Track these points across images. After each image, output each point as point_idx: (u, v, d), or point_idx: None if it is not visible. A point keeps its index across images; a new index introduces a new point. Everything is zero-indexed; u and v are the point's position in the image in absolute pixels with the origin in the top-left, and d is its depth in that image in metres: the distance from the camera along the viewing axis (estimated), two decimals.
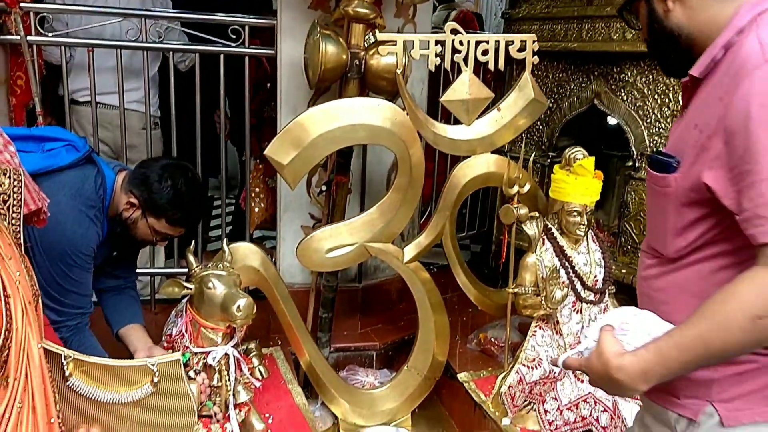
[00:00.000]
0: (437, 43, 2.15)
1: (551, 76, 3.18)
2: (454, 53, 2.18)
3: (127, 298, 2.23)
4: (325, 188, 2.62)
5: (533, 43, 2.29)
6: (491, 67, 2.24)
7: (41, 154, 1.92)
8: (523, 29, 3.24)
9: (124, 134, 2.77)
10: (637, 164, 2.74)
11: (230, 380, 1.92)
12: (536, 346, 2.33)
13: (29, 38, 2.49)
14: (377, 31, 2.19)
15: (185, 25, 2.92)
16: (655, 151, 2.61)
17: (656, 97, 2.66)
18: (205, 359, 1.89)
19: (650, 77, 2.68)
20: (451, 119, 2.43)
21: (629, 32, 2.66)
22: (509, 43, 2.24)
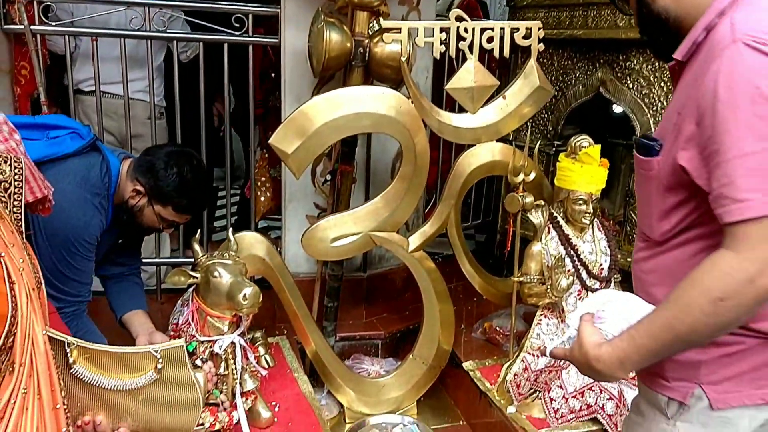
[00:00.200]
0: (442, 30, 2.13)
1: (556, 63, 3.16)
2: (458, 40, 2.16)
3: (131, 284, 2.24)
4: (329, 177, 2.61)
5: (538, 30, 2.27)
6: (496, 54, 2.22)
7: (46, 141, 1.92)
8: (528, 16, 3.22)
9: (128, 124, 2.77)
10: None
11: (237, 369, 1.92)
12: (541, 334, 2.33)
13: (33, 27, 2.48)
14: (381, 18, 2.18)
15: (189, 13, 2.91)
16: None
17: (662, 84, 2.64)
18: (211, 348, 1.89)
19: (656, 65, 2.65)
20: (455, 107, 2.42)
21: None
22: (514, 30, 2.22)
